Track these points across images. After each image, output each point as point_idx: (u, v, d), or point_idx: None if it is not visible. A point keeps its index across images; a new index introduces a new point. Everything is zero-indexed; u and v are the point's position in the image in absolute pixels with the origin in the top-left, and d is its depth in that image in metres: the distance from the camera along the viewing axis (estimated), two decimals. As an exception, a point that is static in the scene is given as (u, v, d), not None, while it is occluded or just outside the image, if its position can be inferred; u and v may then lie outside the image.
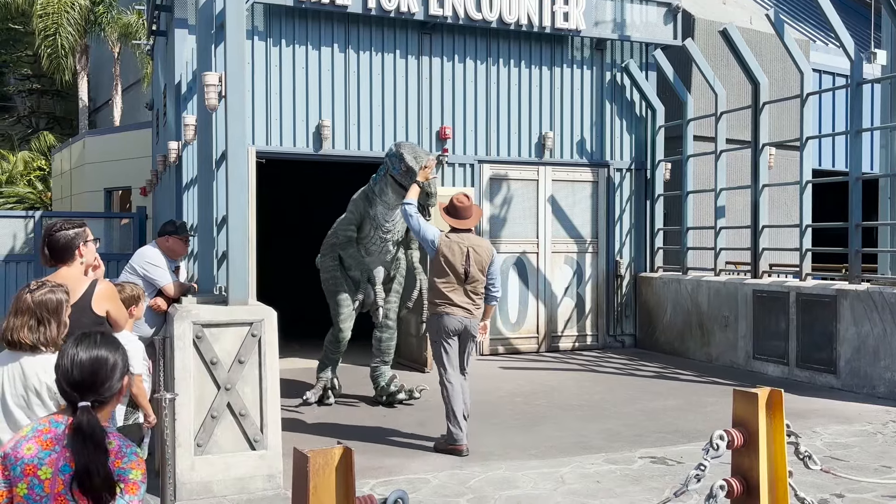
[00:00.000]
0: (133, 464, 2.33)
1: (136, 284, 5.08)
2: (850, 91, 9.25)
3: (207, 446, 5.23)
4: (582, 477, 5.55)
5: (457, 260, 6.09)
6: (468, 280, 6.09)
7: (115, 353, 2.46)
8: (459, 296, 6.09)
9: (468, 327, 6.12)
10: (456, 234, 6.22)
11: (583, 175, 11.39)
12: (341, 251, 7.52)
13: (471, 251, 6.11)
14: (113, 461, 2.29)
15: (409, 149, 6.92)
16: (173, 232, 6.23)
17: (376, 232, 7.37)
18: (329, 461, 2.44)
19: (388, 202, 7.16)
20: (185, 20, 9.31)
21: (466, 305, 6.10)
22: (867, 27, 14.90)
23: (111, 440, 2.33)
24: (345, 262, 7.51)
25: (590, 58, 11.37)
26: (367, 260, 7.47)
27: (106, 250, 13.36)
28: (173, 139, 9.44)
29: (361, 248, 7.45)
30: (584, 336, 11.43)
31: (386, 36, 10.28)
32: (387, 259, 7.57)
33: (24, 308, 3.19)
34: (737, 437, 3.43)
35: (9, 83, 30.22)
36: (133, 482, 2.31)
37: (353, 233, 7.43)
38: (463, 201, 6.24)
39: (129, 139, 16.81)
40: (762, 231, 9.99)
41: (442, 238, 6.21)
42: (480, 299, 6.20)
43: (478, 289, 6.15)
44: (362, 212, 7.39)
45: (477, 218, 6.38)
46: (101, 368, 2.40)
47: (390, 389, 7.73)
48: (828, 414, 7.44)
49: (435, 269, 6.20)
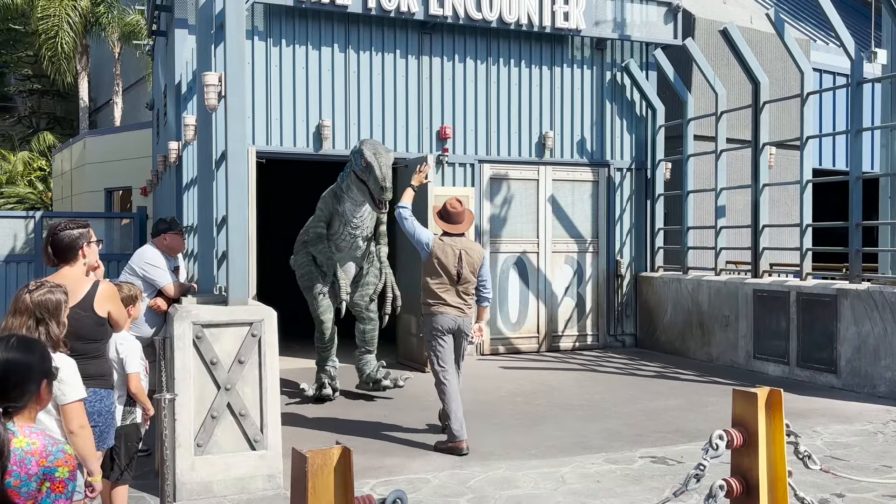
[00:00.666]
0: (59, 461, 2.26)
1: (133, 284, 5.08)
2: (850, 90, 9.25)
3: (207, 446, 5.23)
4: (582, 477, 5.55)
5: (449, 262, 6.26)
6: (460, 281, 6.28)
7: (30, 357, 2.37)
8: (452, 296, 6.27)
9: (461, 326, 6.29)
10: (448, 237, 6.37)
11: (583, 175, 11.39)
12: (312, 248, 7.64)
13: (463, 253, 6.30)
14: (38, 461, 2.23)
15: (369, 145, 7.06)
16: (167, 229, 6.22)
17: (345, 228, 7.47)
18: (328, 461, 2.44)
19: (355, 198, 7.26)
20: (185, 20, 9.31)
21: (459, 305, 6.29)
22: (867, 26, 14.88)
23: (34, 440, 2.27)
24: (317, 259, 7.64)
25: (590, 57, 11.37)
26: (337, 256, 7.57)
27: (107, 250, 13.38)
28: (173, 139, 9.45)
29: (332, 244, 7.55)
30: (584, 336, 11.43)
31: (386, 36, 10.28)
32: (357, 255, 7.69)
33: (22, 308, 3.19)
34: (736, 436, 3.43)
35: (9, 83, 30.24)
36: (59, 480, 2.25)
37: (323, 229, 7.55)
38: (456, 206, 6.37)
39: (130, 139, 16.82)
40: (762, 230, 9.99)
41: (435, 241, 6.37)
42: (472, 299, 6.40)
43: (469, 289, 6.35)
44: (331, 209, 7.52)
45: (469, 223, 6.50)
46: (10, 373, 2.31)
47: (376, 376, 7.91)
48: (828, 413, 7.44)
49: (428, 271, 6.35)
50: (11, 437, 2.24)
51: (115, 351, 4.42)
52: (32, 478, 2.22)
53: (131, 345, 4.51)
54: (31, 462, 2.23)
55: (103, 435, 4.00)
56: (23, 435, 2.27)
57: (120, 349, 4.43)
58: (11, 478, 2.20)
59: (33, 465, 2.23)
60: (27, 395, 2.34)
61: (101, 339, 4.05)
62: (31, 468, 2.23)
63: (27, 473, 2.22)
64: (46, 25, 19.78)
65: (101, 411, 3.98)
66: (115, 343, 4.42)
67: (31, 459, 2.23)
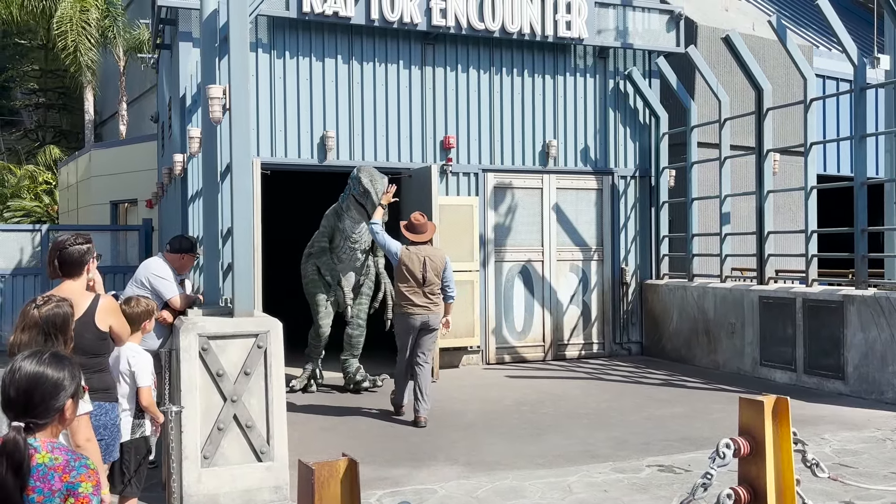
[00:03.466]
0: (83, 476, 2.24)
1: (150, 299, 5.10)
2: (853, 96, 9.25)
3: (214, 458, 5.23)
4: (589, 486, 5.53)
5: (416, 268, 7.30)
6: (426, 283, 7.31)
7: (60, 374, 2.32)
8: (419, 297, 7.32)
9: (429, 321, 7.37)
10: (414, 245, 7.40)
11: (587, 183, 11.40)
12: (316, 260, 8.67)
13: (427, 260, 7.33)
14: (60, 476, 2.22)
15: (366, 173, 8.01)
16: (190, 249, 6.18)
17: (346, 242, 8.50)
18: (334, 473, 2.45)
19: (354, 217, 8.28)
20: (189, 33, 9.36)
21: (426, 304, 7.34)
22: (870, 32, 14.89)
23: (57, 455, 2.25)
24: (321, 269, 8.61)
25: (593, 66, 11.39)
26: (338, 266, 8.59)
27: (112, 263, 13.41)
28: (178, 151, 9.49)
29: (334, 256, 8.59)
30: (590, 344, 11.41)
31: (389, 47, 10.32)
32: (356, 265, 8.67)
33: (31, 324, 3.19)
34: (743, 445, 3.42)
35: (15, 97, 30.41)
36: (83, 496, 2.23)
37: (326, 243, 8.60)
38: (419, 219, 7.50)
39: (135, 152, 16.86)
40: (768, 237, 9.98)
41: (403, 250, 7.41)
42: (438, 298, 7.43)
43: (434, 290, 7.37)
44: (333, 225, 8.58)
45: (431, 233, 7.54)
46: (37, 388, 2.28)
47: (356, 378, 8.76)
48: (836, 420, 7.41)
49: (398, 276, 7.40)
50: (34, 453, 2.24)
51: (127, 363, 4.42)
52: (56, 493, 2.22)
53: (142, 358, 4.52)
54: (55, 478, 2.22)
55: (109, 448, 4.01)
56: (45, 450, 2.26)
57: (131, 362, 4.44)
58: (35, 494, 2.20)
59: (56, 481, 2.22)
60: (51, 412, 2.30)
61: (104, 353, 4.05)
62: (54, 484, 2.22)
63: (50, 489, 2.21)
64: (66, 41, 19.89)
65: (106, 424, 3.99)
66: (126, 356, 4.43)
67: (55, 475, 2.22)
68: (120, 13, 20.95)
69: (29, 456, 2.19)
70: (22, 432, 2.21)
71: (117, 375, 4.38)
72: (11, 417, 2.26)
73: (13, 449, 2.17)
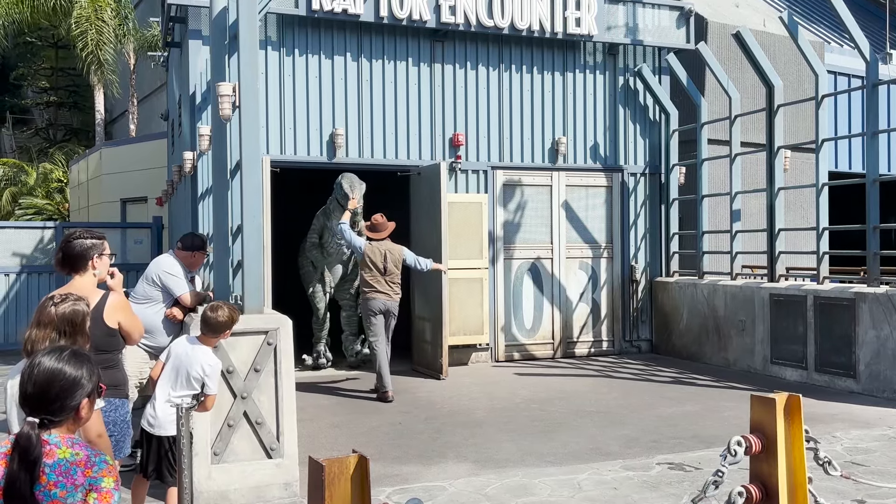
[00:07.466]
0: (104, 472, 2.25)
1: (235, 309, 4.76)
2: (865, 92, 9.18)
3: (224, 455, 5.25)
4: (599, 484, 5.51)
5: (378, 259, 8.43)
6: (387, 273, 8.43)
7: (78, 372, 2.32)
8: (382, 285, 8.42)
9: (389, 308, 8.46)
10: (377, 242, 8.54)
11: (597, 180, 11.36)
12: (309, 254, 10.01)
13: (387, 253, 8.48)
14: (83, 471, 2.23)
15: (347, 179, 9.17)
16: (202, 246, 6.21)
17: (332, 239, 9.64)
18: (344, 470, 2.44)
19: (338, 217, 9.24)
20: (199, 31, 9.38)
21: (387, 291, 8.44)
22: (882, 28, 14.79)
23: (78, 451, 2.26)
24: (313, 262, 9.95)
25: (602, 63, 11.36)
26: (327, 259, 9.89)
27: (122, 260, 13.46)
28: (188, 149, 9.51)
29: (323, 251, 9.84)
30: (599, 341, 11.39)
31: (398, 44, 10.32)
32: (343, 259, 9.95)
33: (46, 321, 3.18)
34: (755, 442, 3.40)
35: (27, 96, 30.56)
36: (106, 490, 2.23)
37: (317, 239, 9.87)
38: (379, 220, 8.62)
39: (145, 150, 16.92)
40: (778, 234, 9.92)
41: (366, 245, 8.55)
42: (398, 287, 8.53)
43: (395, 279, 8.48)
44: (322, 224, 9.77)
45: (389, 230, 8.63)
46: (54, 385, 2.28)
47: (356, 348, 9.95)
48: (848, 418, 7.36)
49: (363, 267, 8.55)
50: (55, 449, 2.25)
51: (202, 369, 4.39)
52: (79, 488, 2.22)
53: (217, 367, 4.52)
54: (77, 472, 2.23)
55: (119, 444, 4.02)
56: (66, 446, 2.27)
57: (206, 369, 4.41)
58: (57, 489, 2.20)
59: (80, 476, 2.23)
60: (67, 410, 2.30)
61: (113, 350, 4.06)
62: (77, 479, 2.23)
63: (73, 484, 2.22)
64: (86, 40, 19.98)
65: (115, 420, 4.00)
66: (202, 362, 4.40)
67: (77, 470, 2.23)
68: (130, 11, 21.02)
69: (41, 451, 2.20)
70: (36, 428, 2.22)
71: (184, 374, 4.37)
72: (27, 412, 2.27)
73: (26, 444, 2.18)
